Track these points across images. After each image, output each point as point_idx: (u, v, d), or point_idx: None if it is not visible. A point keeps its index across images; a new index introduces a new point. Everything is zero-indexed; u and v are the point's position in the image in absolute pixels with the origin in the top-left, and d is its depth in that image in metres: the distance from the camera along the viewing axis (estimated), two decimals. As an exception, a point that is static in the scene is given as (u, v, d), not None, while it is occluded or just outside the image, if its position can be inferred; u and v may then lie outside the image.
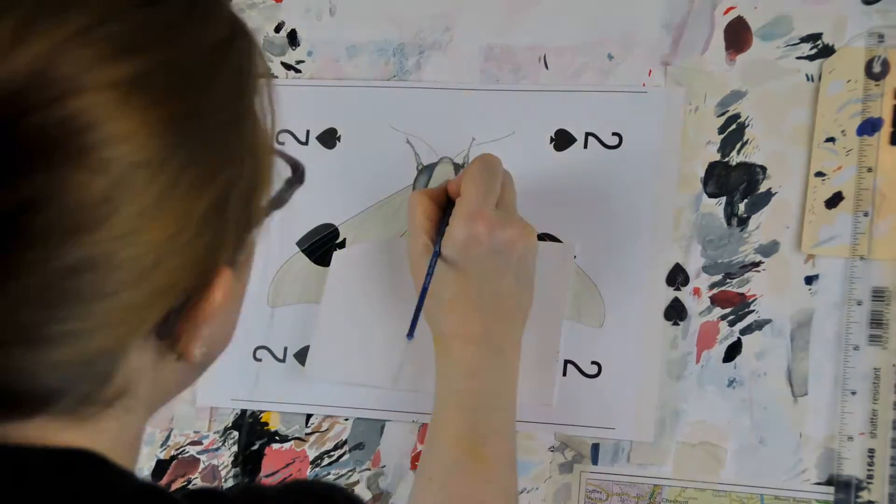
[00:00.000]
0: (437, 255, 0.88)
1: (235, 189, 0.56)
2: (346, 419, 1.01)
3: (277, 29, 1.06)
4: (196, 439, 1.04)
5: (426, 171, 1.01)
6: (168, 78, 0.52)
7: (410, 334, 0.90)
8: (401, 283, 0.97)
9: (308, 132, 1.04)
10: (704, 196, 0.95)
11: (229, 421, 1.03)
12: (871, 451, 0.90)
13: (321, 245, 1.02)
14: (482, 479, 0.85)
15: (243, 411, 1.03)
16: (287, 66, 1.06)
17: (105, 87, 0.49)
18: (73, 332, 0.51)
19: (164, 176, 0.51)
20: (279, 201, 0.65)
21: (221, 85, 0.56)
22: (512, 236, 0.87)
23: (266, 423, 1.02)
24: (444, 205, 0.91)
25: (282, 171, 0.66)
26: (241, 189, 0.57)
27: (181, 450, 1.04)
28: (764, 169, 0.94)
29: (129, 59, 0.50)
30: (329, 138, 1.04)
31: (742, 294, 0.94)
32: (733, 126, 0.95)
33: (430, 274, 0.88)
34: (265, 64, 0.62)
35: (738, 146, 0.95)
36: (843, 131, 0.92)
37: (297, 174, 0.66)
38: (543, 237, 0.97)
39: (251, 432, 1.03)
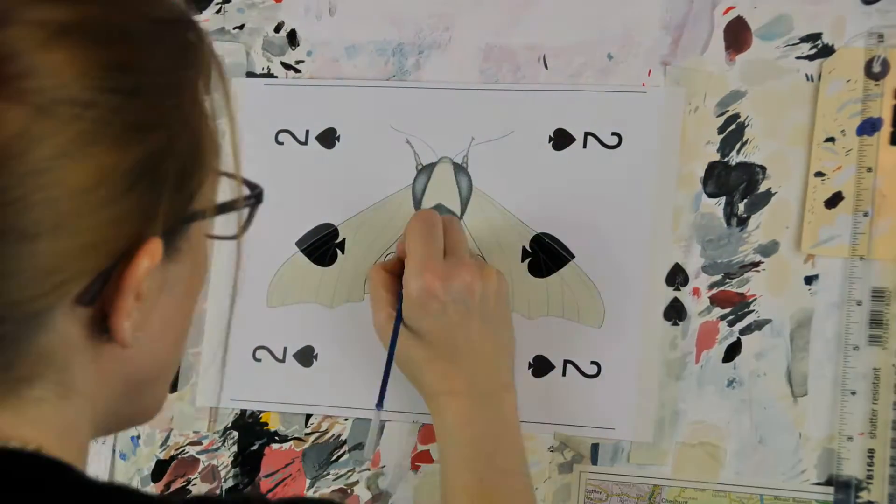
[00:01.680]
0: (399, 320, 0.89)
1: (168, 159, 0.56)
2: (346, 419, 1.01)
3: (277, 29, 1.06)
4: (196, 439, 1.04)
5: (426, 170, 1.01)
6: (103, 29, 0.53)
7: (379, 404, 0.92)
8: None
9: (307, 132, 1.04)
10: (704, 196, 0.95)
11: (229, 421, 1.03)
12: (871, 451, 0.89)
13: (321, 245, 1.02)
14: None
15: (243, 411, 1.03)
16: (286, 66, 1.06)
17: (36, 24, 0.50)
18: None
19: (88, 118, 0.51)
20: (229, 207, 0.64)
21: (159, 53, 0.56)
22: (465, 280, 0.86)
23: (266, 424, 1.02)
24: (401, 273, 0.90)
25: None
26: (175, 162, 0.57)
27: (181, 450, 1.04)
28: (763, 169, 0.94)
29: (63, 5, 0.52)
30: (328, 138, 1.04)
31: (742, 294, 0.94)
32: (733, 126, 0.95)
33: (393, 341, 0.89)
34: (221, 67, 0.62)
35: (737, 146, 0.95)
36: (842, 131, 0.92)
37: (255, 194, 0.66)
38: (543, 237, 0.97)
39: (251, 432, 1.03)
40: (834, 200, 0.92)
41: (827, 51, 0.94)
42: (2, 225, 0.50)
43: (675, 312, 0.95)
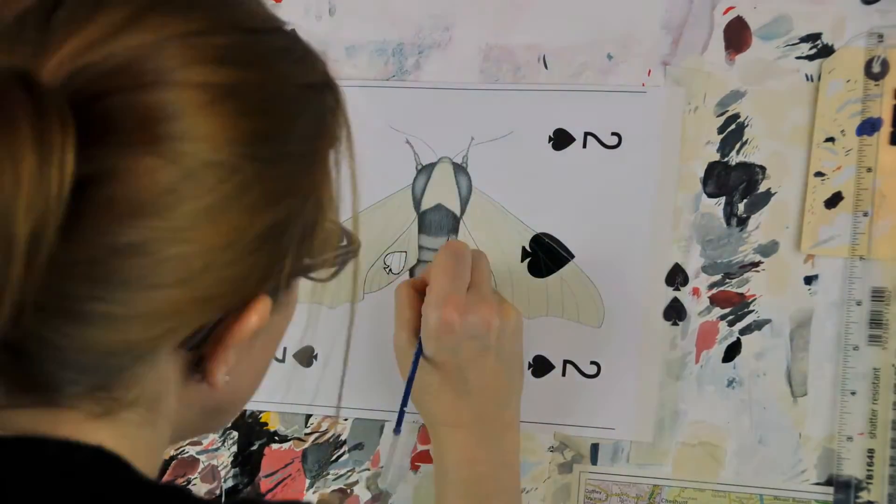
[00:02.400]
0: (420, 349, 0.88)
1: (295, 223, 0.57)
2: (346, 419, 1.01)
3: (277, 29, 1.06)
4: (195, 439, 1.03)
5: (425, 170, 1.01)
6: (256, 96, 0.54)
7: (398, 429, 0.91)
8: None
9: (307, 132, 1.04)
10: (704, 196, 0.95)
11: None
12: (871, 451, 0.90)
13: (320, 245, 1.02)
14: None
15: (243, 411, 1.03)
16: (286, 66, 1.05)
17: (195, 86, 0.51)
18: (110, 315, 0.51)
19: (233, 183, 0.52)
20: (327, 263, 0.65)
21: (302, 122, 0.58)
22: (485, 317, 0.86)
23: (265, 423, 1.02)
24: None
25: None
26: (301, 226, 0.58)
27: (181, 450, 1.04)
28: (763, 169, 0.94)
29: (223, 69, 0.53)
30: (328, 138, 1.04)
31: (741, 294, 0.94)
32: (733, 126, 0.95)
33: (413, 369, 0.88)
34: (350, 136, 0.65)
35: (737, 146, 0.95)
36: (842, 131, 0.92)
37: (354, 249, 0.68)
38: (543, 237, 0.97)
39: (250, 432, 1.03)
40: (834, 200, 0.92)
41: (827, 51, 0.94)
42: (136, 273, 0.51)
43: (674, 312, 0.95)
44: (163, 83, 0.50)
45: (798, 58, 0.94)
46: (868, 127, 0.91)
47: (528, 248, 0.98)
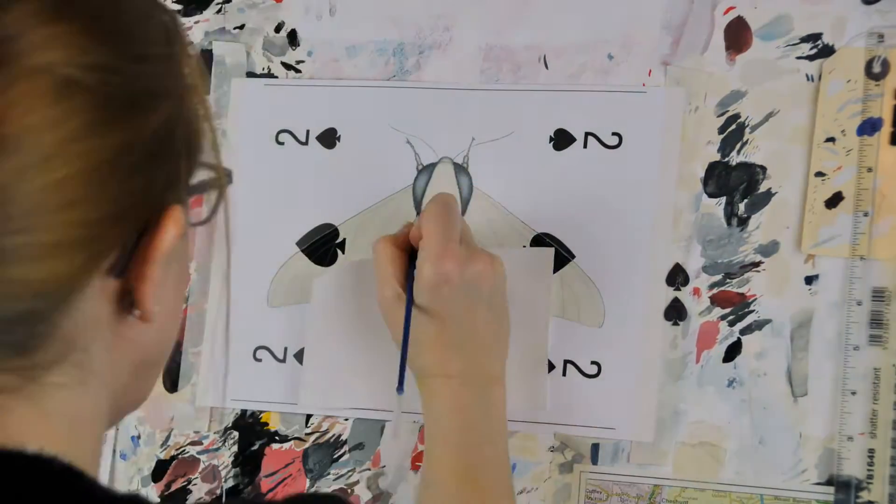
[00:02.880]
0: (410, 302, 0.88)
1: (179, 126, 0.57)
2: (346, 419, 1.01)
3: (277, 29, 1.06)
4: (196, 439, 1.04)
5: (426, 170, 1.01)
6: (98, 3, 0.54)
7: (400, 388, 0.89)
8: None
9: (308, 132, 1.04)
10: (704, 196, 0.95)
11: (229, 421, 1.03)
12: (871, 451, 0.90)
13: (321, 245, 1.03)
14: None
15: (243, 411, 1.03)
16: (287, 66, 1.06)
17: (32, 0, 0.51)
18: (26, 246, 0.50)
19: (114, 83, 0.52)
20: (215, 184, 0.65)
21: (152, 27, 0.58)
22: (480, 269, 0.86)
23: (266, 423, 1.02)
24: (410, 250, 0.90)
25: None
26: (185, 130, 0.58)
27: (181, 450, 1.04)
28: (764, 169, 0.94)
29: None
30: (329, 138, 1.04)
31: (742, 294, 0.94)
32: (733, 126, 0.95)
33: (407, 324, 0.88)
34: (194, 50, 0.64)
35: (737, 146, 0.95)
36: (843, 131, 0.92)
37: (227, 173, 0.67)
38: (544, 237, 0.98)
39: (251, 432, 1.03)
40: (834, 200, 0.92)
41: (827, 51, 0.94)
42: (40, 197, 0.50)
43: (675, 312, 0.95)
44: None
45: (798, 58, 0.94)
46: (868, 127, 0.92)
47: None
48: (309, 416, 1.01)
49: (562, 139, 0.99)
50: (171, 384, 1.04)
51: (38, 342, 0.54)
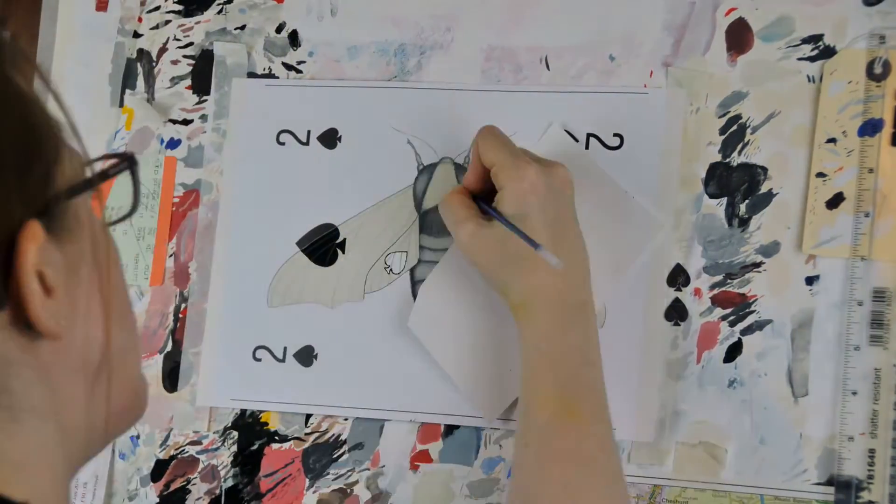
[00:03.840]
0: (499, 213, 0.87)
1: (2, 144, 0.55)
2: (346, 419, 1.01)
3: (279, 30, 1.06)
4: (195, 439, 1.03)
5: (427, 171, 1.01)
6: None
7: (539, 246, 0.85)
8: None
9: (309, 132, 1.04)
10: (705, 197, 0.95)
11: (228, 421, 1.03)
12: (872, 451, 0.90)
13: (321, 245, 1.03)
14: (580, 434, 0.84)
15: (243, 411, 1.03)
16: (288, 67, 1.06)
17: None
18: None
19: None
20: (103, 177, 0.62)
21: None
22: (560, 172, 0.88)
23: (265, 423, 1.02)
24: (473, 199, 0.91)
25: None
26: (11, 146, 0.55)
27: (180, 450, 1.04)
28: (765, 170, 0.94)
29: None
30: (330, 139, 1.04)
31: (743, 294, 0.94)
32: (734, 127, 0.95)
33: (513, 227, 0.86)
34: (21, 49, 0.61)
35: (739, 147, 0.95)
36: (844, 132, 0.92)
37: (128, 156, 0.64)
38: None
39: (250, 432, 1.02)
40: (835, 201, 0.92)
41: (828, 52, 0.94)
42: None
43: (676, 313, 0.95)
44: None
45: (800, 59, 0.95)
46: (869, 128, 0.92)
47: (529, 249, 0.98)
48: (308, 416, 1.01)
49: (563, 140, 0.99)
50: (171, 384, 1.04)
51: None
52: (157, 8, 1.10)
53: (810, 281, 0.93)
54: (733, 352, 0.93)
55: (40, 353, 0.57)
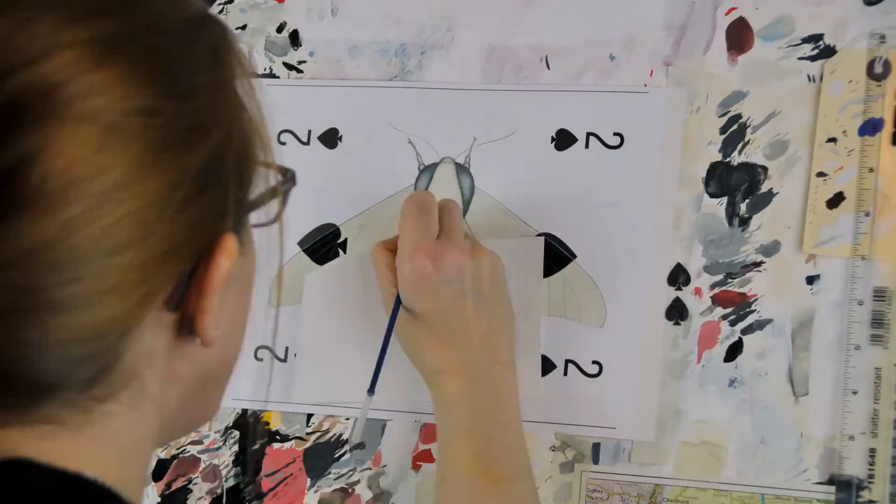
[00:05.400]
0: (398, 302, 0.89)
1: (228, 153, 0.57)
2: (347, 419, 1.01)
3: (279, 29, 1.06)
4: (197, 438, 1.04)
5: (428, 171, 1.01)
6: (140, 37, 0.53)
7: (371, 390, 0.91)
8: (375, 298, 0.98)
9: (310, 132, 1.04)
10: (706, 196, 0.95)
11: (230, 420, 1.03)
12: (872, 450, 0.90)
13: (322, 245, 1.03)
14: (502, 495, 0.84)
15: (244, 411, 1.03)
16: (289, 67, 1.06)
17: (76, 45, 0.50)
18: (79, 295, 0.50)
19: (156, 124, 0.52)
20: (275, 192, 0.64)
21: (198, 51, 0.57)
22: (456, 260, 0.87)
23: (267, 423, 1.02)
24: None
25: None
26: (234, 156, 0.57)
27: (182, 449, 1.04)
28: (765, 169, 0.94)
29: (96, 21, 0.51)
30: (331, 138, 1.04)
31: (743, 294, 0.94)
32: (735, 126, 0.95)
33: (391, 323, 0.89)
34: (247, 59, 0.63)
35: (739, 146, 0.95)
36: (844, 132, 0.92)
37: (288, 176, 0.66)
38: (545, 237, 0.98)
39: (252, 432, 1.03)
40: (835, 201, 0.92)
41: (829, 52, 0.94)
42: (90, 247, 0.50)
43: (676, 312, 0.95)
44: (44, 53, 0.49)
45: (800, 59, 0.95)
46: (870, 127, 0.92)
47: (530, 248, 0.98)
48: (310, 416, 1.01)
49: (563, 139, 0.99)
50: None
51: (97, 379, 0.54)
52: (158, 8, 1.10)
53: (811, 280, 0.93)
54: (734, 351, 0.93)
55: (180, 353, 0.59)
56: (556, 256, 0.98)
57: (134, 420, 0.57)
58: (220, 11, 1.07)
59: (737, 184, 0.95)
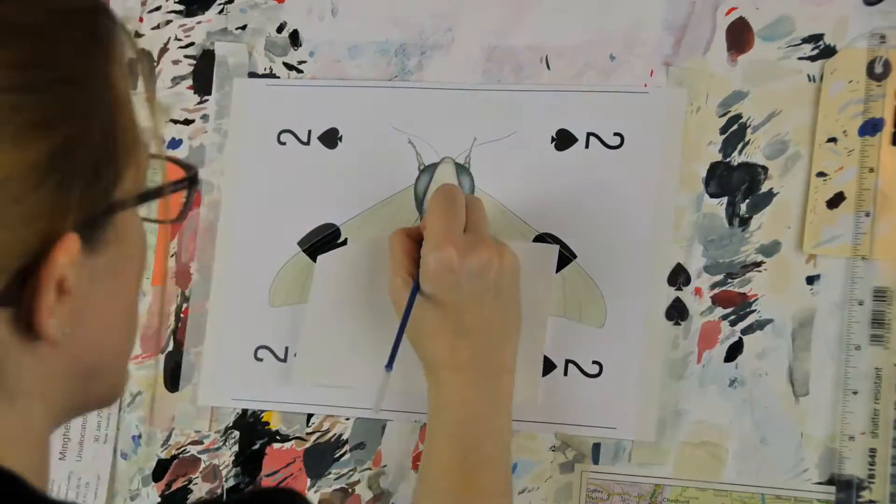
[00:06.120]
0: (416, 289, 0.89)
1: (79, 151, 0.56)
2: (348, 419, 1.01)
3: (279, 29, 1.06)
4: (197, 439, 1.04)
5: (428, 171, 1.01)
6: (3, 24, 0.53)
7: (389, 366, 0.90)
8: (386, 283, 0.98)
9: (310, 132, 1.04)
10: (706, 196, 0.95)
11: (230, 420, 1.03)
12: (873, 450, 0.90)
13: (322, 245, 1.03)
14: None
15: (244, 411, 1.03)
16: (289, 67, 1.06)
17: None
18: None
19: None
20: (154, 194, 0.63)
21: (63, 46, 0.56)
22: (484, 258, 0.87)
23: (267, 423, 1.02)
24: (422, 242, 0.91)
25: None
26: (88, 154, 0.56)
27: (182, 449, 1.04)
28: (765, 169, 0.94)
29: None
30: (331, 138, 1.04)
31: (743, 294, 0.94)
32: (735, 126, 0.95)
33: (408, 308, 0.89)
34: (136, 52, 0.62)
35: (739, 146, 0.95)
36: (844, 132, 0.92)
37: (190, 176, 0.65)
38: (545, 237, 0.98)
39: (252, 432, 1.02)
40: (836, 201, 0.92)
41: (829, 52, 0.94)
42: None
43: (676, 312, 0.95)
44: None
45: (800, 58, 0.95)
46: (870, 127, 0.92)
47: (530, 248, 0.98)
48: (310, 416, 1.01)
49: (563, 139, 0.99)
50: (172, 384, 1.04)
51: None
52: (158, 8, 1.10)
53: (811, 280, 0.93)
54: (734, 351, 0.93)
55: (40, 349, 0.58)
56: (557, 256, 0.97)
57: (8, 412, 0.58)
58: (221, 11, 1.07)
59: (737, 184, 0.95)
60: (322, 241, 1.03)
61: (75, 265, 0.56)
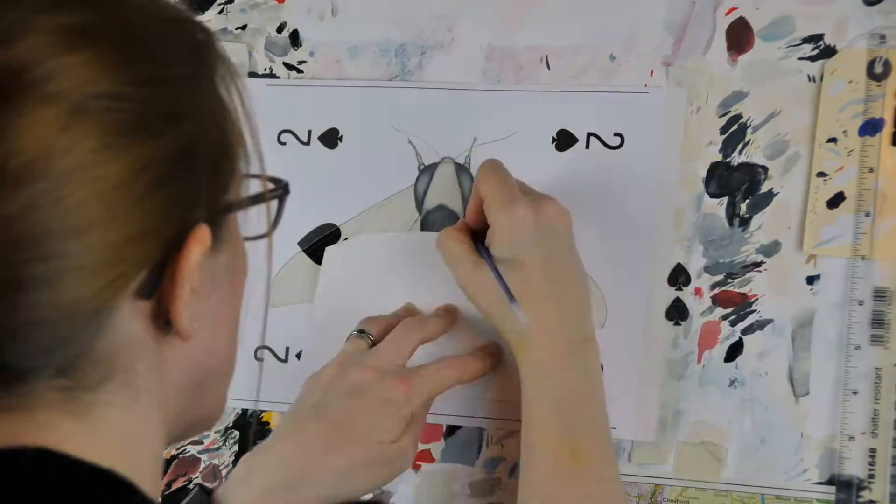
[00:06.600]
0: (489, 256, 0.87)
1: (201, 146, 0.57)
2: (348, 419, 1.01)
3: (279, 29, 1.06)
4: (196, 439, 1.03)
5: (428, 171, 1.01)
6: (117, 28, 0.55)
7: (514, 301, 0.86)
8: (397, 279, 0.98)
9: (310, 132, 1.04)
10: (706, 196, 0.95)
11: (230, 420, 1.03)
12: (873, 450, 0.90)
13: (322, 245, 1.03)
14: (587, 480, 0.84)
15: (244, 411, 1.03)
16: (289, 67, 1.06)
17: (53, 30, 0.52)
18: (44, 274, 0.51)
19: (121, 110, 0.53)
20: (261, 198, 0.66)
21: (175, 49, 0.59)
22: (553, 210, 0.87)
23: (267, 423, 1.02)
24: (471, 235, 0.91)
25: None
26: (209, 150, 0.58)
27: (182, 449, 1.04)
28: (765, 169, 0.94)
29: (78, 9, 0.54)
30: (331, 138, 1.04)
31: (743, 294, 0.94)
32: (735, 126, 0.95)
33: (499, 277, 0.86)
34: (234, 66, 0.65)
35: (739, 146, 0.95)
36: (844, 132, 0.92)
37: (281, 185, 0.67)
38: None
39: (252, 432, 1.02)
40: (836, 201, 0.92)
41: (829, 52, 0.94)
42: (54, 225, 0.51)
43: (676, 312, 0.95)
44: (17, 35, 0.51)
45: (800, 59, 0.95)
46: (870, 127, 0.92)
47: (530, 248, 0.98)
48: (310, 416, 1.01)
49: (564, 140, 0.99)
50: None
51: (76, 363, 0.55)
52: (158, 8, 1.10)
53: (811, 280, 0.93)
54: (734, 351, 0.93)
55: (165, 348, 0.60)
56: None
57: (132, 412, 0.59)
58: (221, 11, 1.08)
59: (737, 184, 0.95)
60: (322, 241, 1.03)
61: (204, 259, 0.58)
